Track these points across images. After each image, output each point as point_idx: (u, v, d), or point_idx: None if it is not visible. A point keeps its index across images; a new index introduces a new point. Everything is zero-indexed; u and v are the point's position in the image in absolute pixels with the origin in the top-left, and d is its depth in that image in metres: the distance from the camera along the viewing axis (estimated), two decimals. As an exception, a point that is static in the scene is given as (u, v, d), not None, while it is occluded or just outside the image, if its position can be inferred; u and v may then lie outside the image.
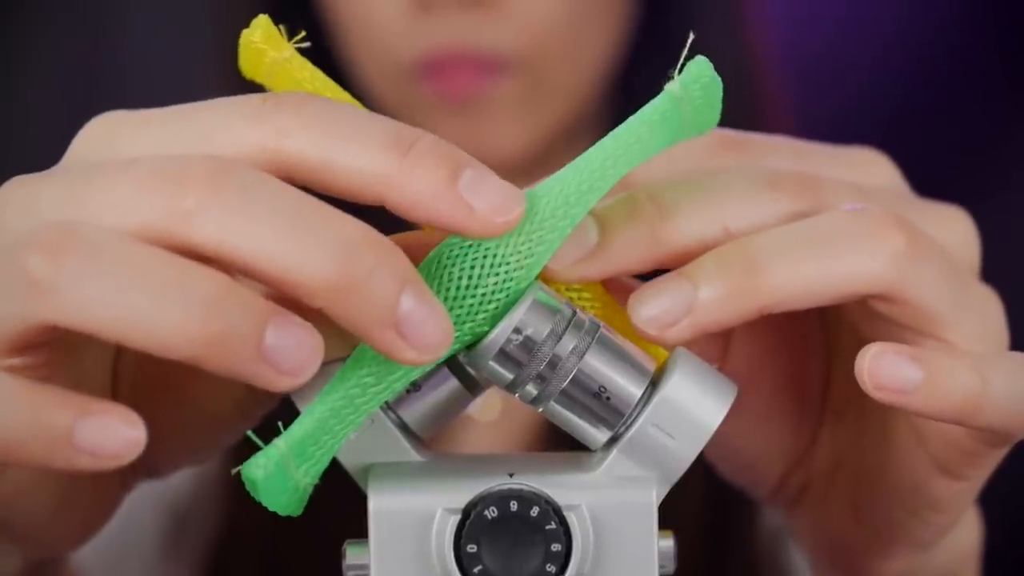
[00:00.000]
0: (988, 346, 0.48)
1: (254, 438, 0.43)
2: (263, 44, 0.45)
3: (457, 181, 0.42)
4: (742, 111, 0.90)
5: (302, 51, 0.46)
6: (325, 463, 0.44)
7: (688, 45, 0.44)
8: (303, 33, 0.45)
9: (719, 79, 0.44)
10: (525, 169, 0.88)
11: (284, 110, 0.43)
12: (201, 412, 0.44)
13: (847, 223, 0.47)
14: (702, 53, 0.45)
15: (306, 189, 0.43)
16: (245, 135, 0.43)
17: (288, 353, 0.41)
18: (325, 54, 0.90)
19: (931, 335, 0.48)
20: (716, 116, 0.45)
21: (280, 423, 0.43)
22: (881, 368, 0.46)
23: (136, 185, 0.42)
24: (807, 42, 1.29)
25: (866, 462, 0.53)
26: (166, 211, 0.41)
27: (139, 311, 0.40)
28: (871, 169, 0.52)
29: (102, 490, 0.50)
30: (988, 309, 0.49)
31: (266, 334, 0.41)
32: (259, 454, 0.43)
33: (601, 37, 0.92)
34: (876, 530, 0.53)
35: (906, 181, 0.54)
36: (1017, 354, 0.48)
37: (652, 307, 0.46)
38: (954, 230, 0.51)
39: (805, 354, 0.53)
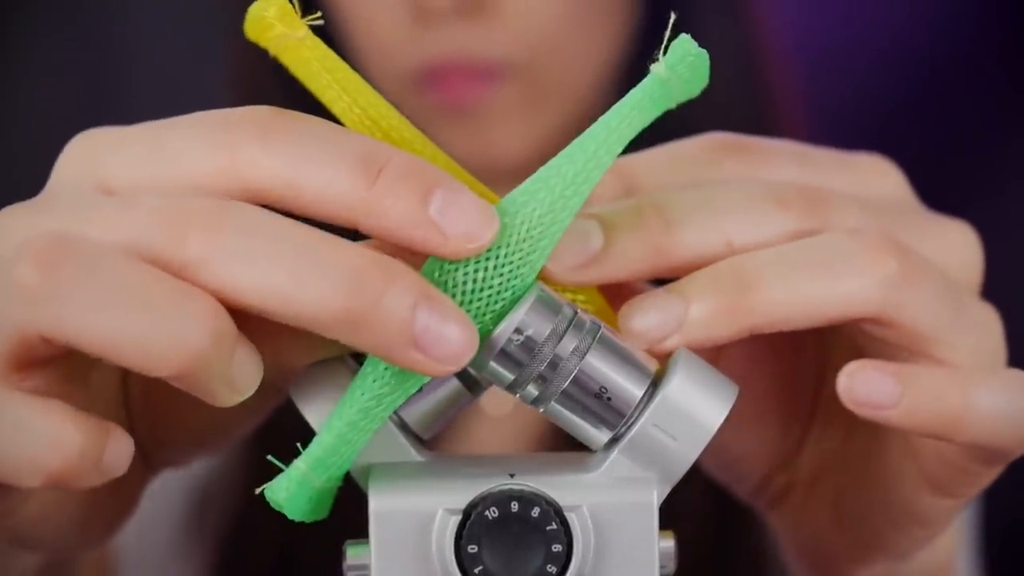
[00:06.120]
0: (984, 363, 0.48)
1: (275, 461, 0.44)
2: (276, 20, 0.45)
3: (428, 206, 0.42)
4: (746, 112, 0.90)
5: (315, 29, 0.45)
6: (345, 468, 0.44)
7: (671, 25, 0.44)
8: (318, 14, 0.45)
9: (704, 52, 0.44)
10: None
11: (248, 135, 0.43)
12: (210, 413, 0.44)
13: (841, 246, 0.47)
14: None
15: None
16: (209, 162, 0.43)
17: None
18: None
19: (924, 355, 0.47)
20: (704, 83, 0.45)
21: (299, 444, 0.44)
22: (859, 384, 0.46)
23: (136, 229, 0.42)
24: (810, 44, 1.29)
25: (852, 472, 0.53)
26: (169, 260, 0.41)
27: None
28: (877, 178, 0.52)
29: (122, 493, 0.50)
30: (985, 327, 0.49)
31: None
32: (281, 477, 0.43)
33: (600, 40, 0.92)
34: (856, 538, 0.53)
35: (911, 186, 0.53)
36: (1011, 371, 0.48)
37: (643, 320, 0.46)
38: (955, 247, 0.51)
39: (798, 360, 0.53)
